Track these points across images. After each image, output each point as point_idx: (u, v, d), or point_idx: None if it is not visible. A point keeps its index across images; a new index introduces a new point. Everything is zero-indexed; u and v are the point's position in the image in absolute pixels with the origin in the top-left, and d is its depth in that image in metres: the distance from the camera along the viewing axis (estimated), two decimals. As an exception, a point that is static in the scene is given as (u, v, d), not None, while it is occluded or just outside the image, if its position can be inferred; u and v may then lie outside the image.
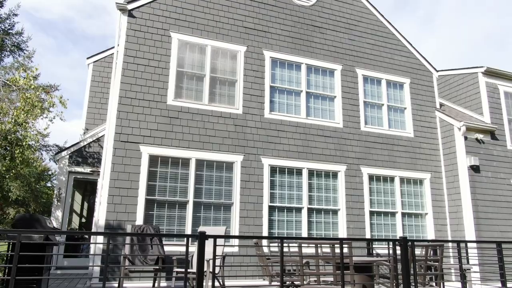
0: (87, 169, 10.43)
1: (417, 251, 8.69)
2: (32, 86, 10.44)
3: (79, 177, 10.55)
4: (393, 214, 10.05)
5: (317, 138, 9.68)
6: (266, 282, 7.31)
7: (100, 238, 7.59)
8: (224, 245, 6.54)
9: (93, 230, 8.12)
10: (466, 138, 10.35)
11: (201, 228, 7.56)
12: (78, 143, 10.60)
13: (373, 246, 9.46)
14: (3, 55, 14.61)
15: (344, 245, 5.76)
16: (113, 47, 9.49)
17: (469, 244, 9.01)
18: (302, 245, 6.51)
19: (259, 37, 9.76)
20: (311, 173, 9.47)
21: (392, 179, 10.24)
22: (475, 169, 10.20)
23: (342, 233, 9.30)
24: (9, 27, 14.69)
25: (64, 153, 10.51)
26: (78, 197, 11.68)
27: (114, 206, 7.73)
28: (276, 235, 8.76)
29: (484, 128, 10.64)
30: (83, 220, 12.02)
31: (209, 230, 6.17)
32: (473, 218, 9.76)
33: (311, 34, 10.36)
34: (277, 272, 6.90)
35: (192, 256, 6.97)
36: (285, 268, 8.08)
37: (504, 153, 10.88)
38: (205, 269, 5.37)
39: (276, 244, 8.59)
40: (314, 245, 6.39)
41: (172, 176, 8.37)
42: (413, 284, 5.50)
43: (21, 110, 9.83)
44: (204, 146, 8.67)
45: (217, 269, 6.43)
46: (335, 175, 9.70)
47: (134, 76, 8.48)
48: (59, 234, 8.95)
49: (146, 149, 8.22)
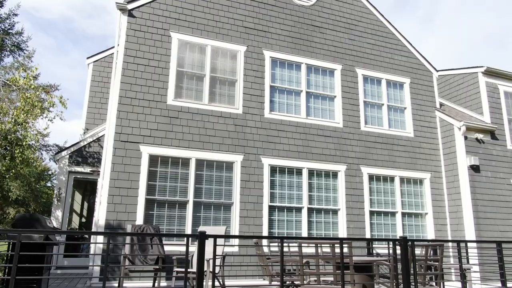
0: (87, 169, 10.43)
1: (417, 251, 8.69)
2: (32, 86, 10.44)
3: (79, 177, 10.55)
4: (393, 214, 10.05)
5: (317, 138, 9.68)
6: (266, 282, 7.31)
7: (100, 238, 7.59)
8: (224, 245, 6.54)
9: (93, 230, 8.13)
10: (466, 138, 10.35)
11: (201, 228, 7.57)
12: (78, 143, 10.60)
13: (373, 246, 9.46)
14: (3, 55, 14.61)
15: (344, 245, 5.76)
16: (113, 47, 9.49)
17: (469, 244, 9.01)
18: (302, 245, 6.51)
19: (259, 37, 9.76)
20: (311, 173, 9.48)
21: (392, 179, 10.24)
22: (475, 169, 10.20)
23: (342, 233, 9.31)
24: (9, 27, 14.70)
25: (64, 153, 10.51)
26: (78, 197, 11.69)
27: (114, 206, 7.73)
28: (276, 235, 8.77)
29: (484, 128, 10.64)
30: (83, 220, 12.03)
31: (209, 230, 6.17)
32: (473, 218, 9.77)
33: (311, 34, 10.36)
34: (277, 272, 6.90)
35: (192, 256, 6.98)
36: (285, 268, 8.08)
37: (504, 153, 10.88)
38: (205, 269, 5.37)
39: (276, 244, 8.59)
40: (314, 245, 6.39)
41: (172, 176, 8.37)
42: (413, 284, 5.50)
43: (21, 110, 9.84)
44: (204, 146, 8.67)
45: (217, 269, 6.43)
46: (335, 175, 9.71)
47: (134, 76, 8.49)
48: (59, 234, 8.95)
49: (146, 149, 8.22)
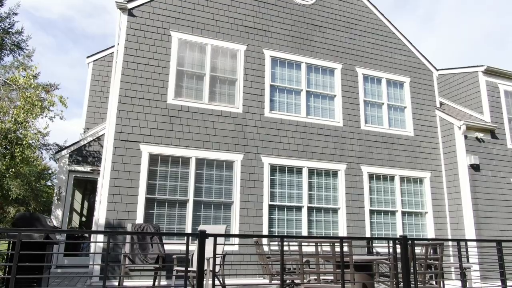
0: (87, 168, 10.43)
1: (417, 250, 8.69)
2: (32, 85, 10.45)
3: (79, 176, 10.55)
4: (393, 213, 10.06)
5: (317, 137, 9.69)
6: (266, 281, 7.31)
7: (100, 237, 7.60)
8: (224, 244, 6.55)
9: (93, 229, 8.13)
10: (466, 137, 10.35)
11: (201, 227, 7.57)
12: (78, 142, 10.60)
13: (373, 245, 9.47)
14: (3, 54, 14.61)
15: (344, 244, 5.77)
16: (113, 46, 9.48)
17: (469, 243, 9.01)
18: (302, 244, 6.51)
19: (259, 36, 9.75)
20: (311, 172, 9.48)
21: (392, 178, 10.24)
22: (475, 168, 10.20)
23: (342, 232, 9.31)
24: (9, 26, 14.71)
25: (64, 152, 10.51)
26: (78, 196, 11.68)
27: (114, 205, 7.74)
28: (276, 234, 8.77)
29: (484, 127, 10.64)
30: (83, 219, 12.03)
31: (209, 229, 6.18)
32: (473, 217, 9.77)
33: (311, 33, 10.35)
34: (277, 271, 6.91)
35: (192, 255, 6.98)
36: (285, 267, 8.09)
37: (504, 152, 10.88)
38: (205, 268, 5.38)
39: (276, 243, 8.60)
40: (314, 244, 6.40)
41: (172, 175, 8.37)
42: (413, 283, 5.51)
43: (21, 109, 9.84)
44: (204, 145, 8.67)
45: (217, 268, 6.44)
46: (335, 174, 9.71)
47: (134, 75, 8.48)
48: (59, 233, 8.95)
49: (146, 148, 8.22)
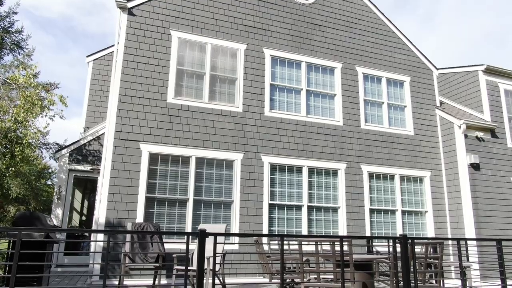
0: (87, 167, 10.43)
1: (417, 249, 8.69)
2: (32, 84, 10.45)
3: (79, 175, 10.55)
4: (393, 212, 10.06)
5: (317, 136, 9.68)
6: (266, 280, 7.31)
7: (101, 236, 7.60)
8: (224, 243, 6.55)
9: (94, 228, 8.13)
10: (466, 136, 10.35)
11: (201, 226, 7.58)
12: (78, 141, 10.59)
13: (373, 244, 9.47)
14: (3, 53, 14.61)
15: (344, 243, 5.77)
16: (113, 45, 9.48)
17: (469, 242, 9.01)
18: (302, 243, 6.51)
19: (259, 35, 9.75)
20: (311, 171, 9.48)
21: (392, 177, 10.24)
22: (475, 167, 10.20)
23: (342, 231, 9.31)
24: (9, 25, 14.70)
25: (64, 151, 10.51)
26: (78, 195, 11.68)
27: (114, 204, 7.74)
28: (276, 233, 8.77)
29: (484, 126, 10.64)
30: (84, 218, 12.03)
31: (209, 228, 6.18)
32: (473, 216, 9.77)
33: (311, 32, 10.35)
34: (277, 270, 6.91)
35: (192, 254, 6.98)
36: (285, 266, 8.09)
37: (504, 151, 10.88)
38: (205, 267, 5.38)
39: (276, 242, 8.60)
40: (314, 243, 6.40)
41: (172, 174, 8.37)
42: (413, 282, 5.51)
43: (21, 108, 9.84)
44: (204, 144, 8.67)
45: (217, 267, 6.44)
46: (335, 173, 9.71)
47: (134, 74, 8.48)
48: (60, 232, 8.96)
49: (146, 147, 8.22)
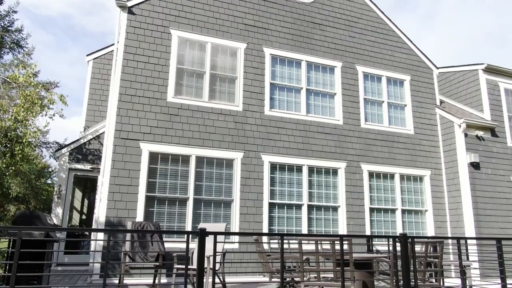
0: (87, 166, 10.43)
1: (417, 248, 8.68)
2: (32, 83, 10.44)
3: (79, 174, 10.55)
4: (393, 211, 10.06)
5: (317, 135, 9.68)
6: (266, 279, 7.32)
7: (101, 235, 7.60)
8: (224, 242, 6.55)
9: (94, 227, 8.13)
10: (466, 135, 10.34)
11: (201, 225, 7.58)
12: (78, 140, 10.60)
13: (373, 243, 9.48)
14: (3, 52, 14.60)
15: (344, 242, 5.78)
16: (113, 44, 9.48)
17: (469, 241, 9.02)
18: (302, 242, 6.51)
19: (259, 34, 9.74)
20: (311, 170, 9.48)
21: (392, 176, 10.24)
22: (475, 166, 10.20)
23: (342, 230, 9.32)
24: (9, 24, 14.69)
25: (64, 150, 10.51)
26: (78, 194, 11.69)
27: (115, 203, 7.74)
28: (276, 232, 8.78)
29: (484, 125, 10.64)
30: (84, 217, 12.03)
31: (209, 227, 6.18)
32: (473, 215, 9.77)
33: (311, 31, 10.34)
34: (277, 269, 6.92)
35: (193, 253, 6.99)
36: (285, 265, 8.10)
37: (504, 150, 10.88)
38: (206, 266, 5.39)
39: (276, 241, 8.61)
40: (314, 242, 6.41)
41: (172, 173, 8.37)
42: (413, 281, 5.51)
43: (21, 107, 9.84)
44: (204, 143, 8.67)
45: (218, 266, 6.44)
46: (335, 172, 9.71)
47: (134, 73, 8.48)
48: (60, 231, 8.96)
49: (146, 146, 8.22)
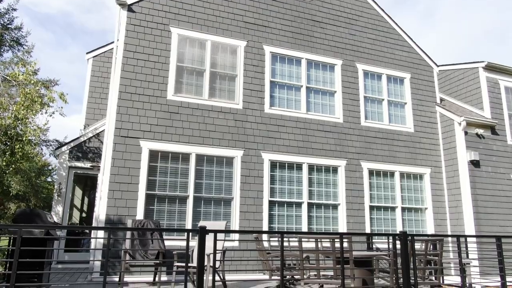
0: (87, 164, 10.43)
1: (417, 246, 8.70)
2: (32, 81, 10.43)
3: (80, 172, 10.55)
4: (393, 209, 10.07)
5: (317, 133, 9.68)
6: (266, 277, 7.33)
7: (101, 233, 7.61)
8: (225, 240, 6.56)
9: (94, 225, 8.14)
10: (466, 133, 10.34)
11: (202, 223, 7.58)
12: (78, 138, 10.59)
13: (373, 241, 9.49)
14: (3, 50, 14.58)
15: (344, 240, 5.78)
16: (113, 42, 9.45)
17: (469, 239, 9.03)
18: (302, 240, 6.52)
19: (259, 32, 9.72)
20: (311, 168, 9.48)
21: (392, 174, 10.25)
22: (475, 164, 10.20)
23: (342, 228, 9.33)
24: (8, 22, 14.67)
25: (64, 148, 10.50)
26: (79, 192, 11.69)
27: (115, 201, 7.75)
28: (276, 230, 8.79)
29: (485, 123, 10.63)
30: (84, 215, 12.04)
31: (210, 225, 6.18)
32: (473, 213, 9.78)
33: (311, 29, 10.32)
34: (277, 267, 6.93)
35: (193, 251, 7.00)
36: (285, 263, 8.11)
37: (504, 148, 10.88)
38: (206, 264, 5.39)
39: (276, 239, 8.62)
40: (314, 240, 6.41)
41: (172, 171, 8.38)
42: (413, 278, 5.52)
43: (21, 106, 9.83)
44: (204, 141, 8.67)
45: (218, 264, 6.45)
46: (335, 170, 9.71)
47: (134, 71, 8.47)
48: (60, 229, 8.97)
49: (146, 144, 8.22)
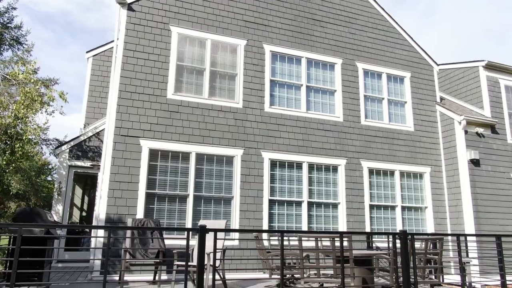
0: (87, 163, 10.43)
1: (417, 245, 8.71)
2: (32, 80, 10.43)
3: (80, 171, 10.55)
4: (393, 208, 10.07)
5: (317, 132, 9.68)
6: (266, 275, 7.34)
7: (101, 232, 7.61)
8: (225, 239, 6.57)
9: (94, 224, 8.15)
10: (467, 132, 10.34)
11: (202, 222, 7.59)
12: (78, 137, 10.59)
13: (373, 240, 9.50)
14: (2, 49, 14.57)
15: (344, 239, 5.78)
16: (113, 41, 9.44)
17: (469, 238, 9.03)
18: (302, 239, 6.53)
19: (259, 31, 9.71)
20: (311, 167, 9.48)
21: (392, 173, 10.25)
22: (475, 163, 10.20)
23: (342, 227, 9.33)
24: (8, 21, 14.65)
25: (64, 147, 10.50)
26: (79, 191, 11.70)
27: (115, 200, 7.75)
28: (276, 229, 8.79)
29: (485, 122, 10.63)
30: (84, 214, 12.05)
31: (210, 224, 6.18)
32: (473, 212, 9.78)
33: (312, 28, 10.31)
34: (277, 265, 6.93)
35: (193, 250, 7.00)
36: (285, 261, 8.11)
37: (504, 147, 10.87)
38: (206, 262, 5.40)
39: (276, 238, 8.62)
40: (314, 239, 6.42)
41: (172, 170, 8.38)
42: (413, 277, 5.53)
43: (21, 105, 9.83)
44: (204, 140, 8.67)
45: (218, 263, 6.46)
46: (335, 169, 9.71)
47: (134, 70, 8.46)
48: (60, 228, 8.97)
49: (146, 143, 8.22)
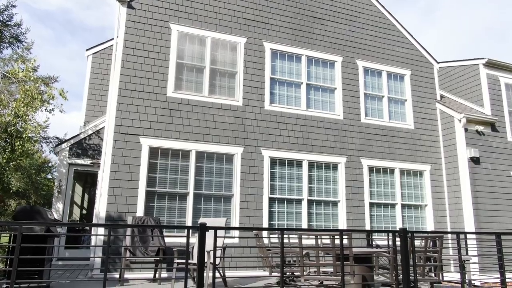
0: (88, 161, 10.44)
1: (417, 242, 8.70)
2: (32, 78, 10.42)
3: (80, 169, 10.56)
4: (393, 206, 10.08)
5: (317, 130, 9.68)
6: (266, 273, 7.35)
7: (101, 230, 7.62)
8: (225, 237, 6.58)
9: (94, 222, 8.16)
10: (467, 130, 10.34)
11: (202, 220, 7.60)
12: (78, 135, 10.59)
13: (373, 237, 9.50)
14: (2, 47, 14.55)
15: (344, 237, 5.79)
16: (113, 39, 9.43)
17: (468, 236, 9.04)
18: (302, 237, 6.53)
19: (259, 29, 9.70)
20: (311, 165, 9.48)
21: (392, 171, 10.25)
22: (475, 161, 10.21)
23: (342, 225, 9.34)
24: (8, 19, 14.62)
25: (64, 145, 10.50)
26: (79, 189, 11.71)
27: (115, 198, 7.76)
28: (276, 227, 8.80)
29: (485, 120, 10.62)
30: (84, 212, 12.06)
31: (210, 222, 6.20)
32: (473, 210, 9.79)
33: (312, 26, 10.29)
34: (277, 263, 6.94)
35: (193, 248, 7.01)
36: (285, 259, 8.12)
37: (504, 145, 10.87)
38: (206, 260, 5.40)
39: (276, 236, 8.63)
40: (314, 237, 6.42)
41: (172, 168, 8.38)
42: (413, 275, 5.53)
43: (21, 103, 9.83)
44: (204, 138, 8.66)
45: (218, 260, 6.47)
46: (335, 167, 9.71)
47: (134, 68, 8.45)
48: (60, 226, 8.98)
49: (146, 141, 8.22)
